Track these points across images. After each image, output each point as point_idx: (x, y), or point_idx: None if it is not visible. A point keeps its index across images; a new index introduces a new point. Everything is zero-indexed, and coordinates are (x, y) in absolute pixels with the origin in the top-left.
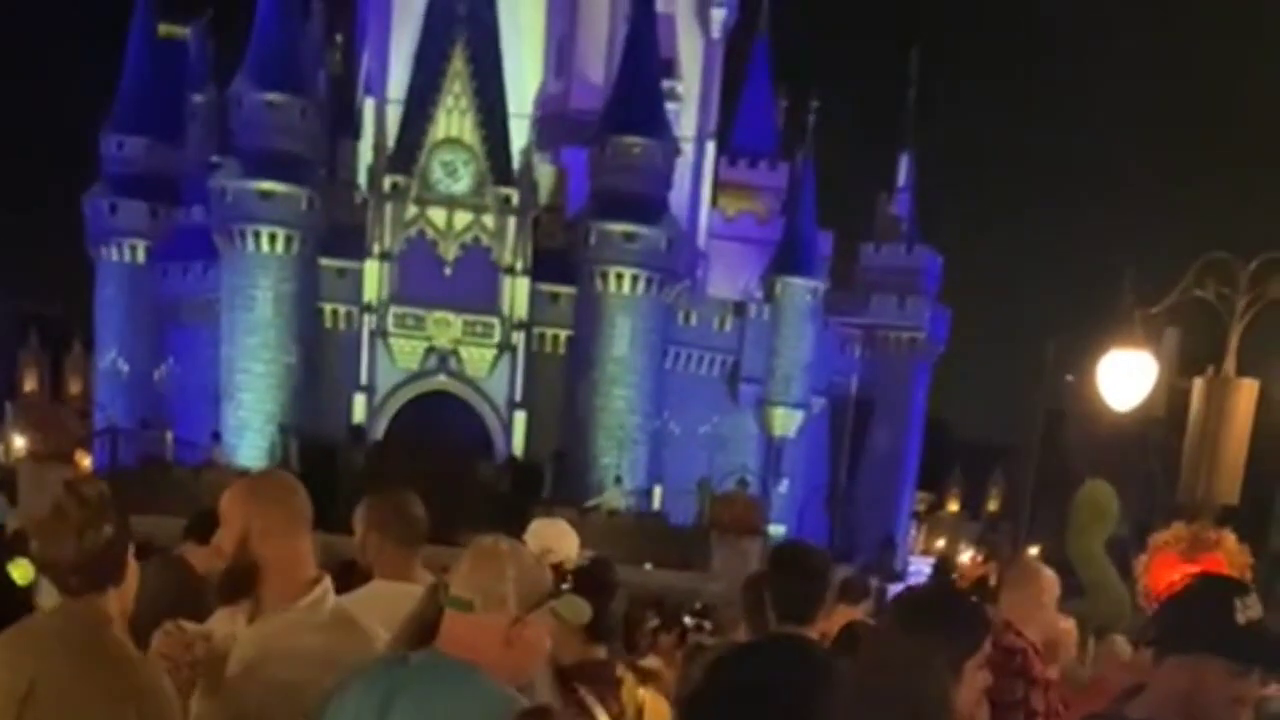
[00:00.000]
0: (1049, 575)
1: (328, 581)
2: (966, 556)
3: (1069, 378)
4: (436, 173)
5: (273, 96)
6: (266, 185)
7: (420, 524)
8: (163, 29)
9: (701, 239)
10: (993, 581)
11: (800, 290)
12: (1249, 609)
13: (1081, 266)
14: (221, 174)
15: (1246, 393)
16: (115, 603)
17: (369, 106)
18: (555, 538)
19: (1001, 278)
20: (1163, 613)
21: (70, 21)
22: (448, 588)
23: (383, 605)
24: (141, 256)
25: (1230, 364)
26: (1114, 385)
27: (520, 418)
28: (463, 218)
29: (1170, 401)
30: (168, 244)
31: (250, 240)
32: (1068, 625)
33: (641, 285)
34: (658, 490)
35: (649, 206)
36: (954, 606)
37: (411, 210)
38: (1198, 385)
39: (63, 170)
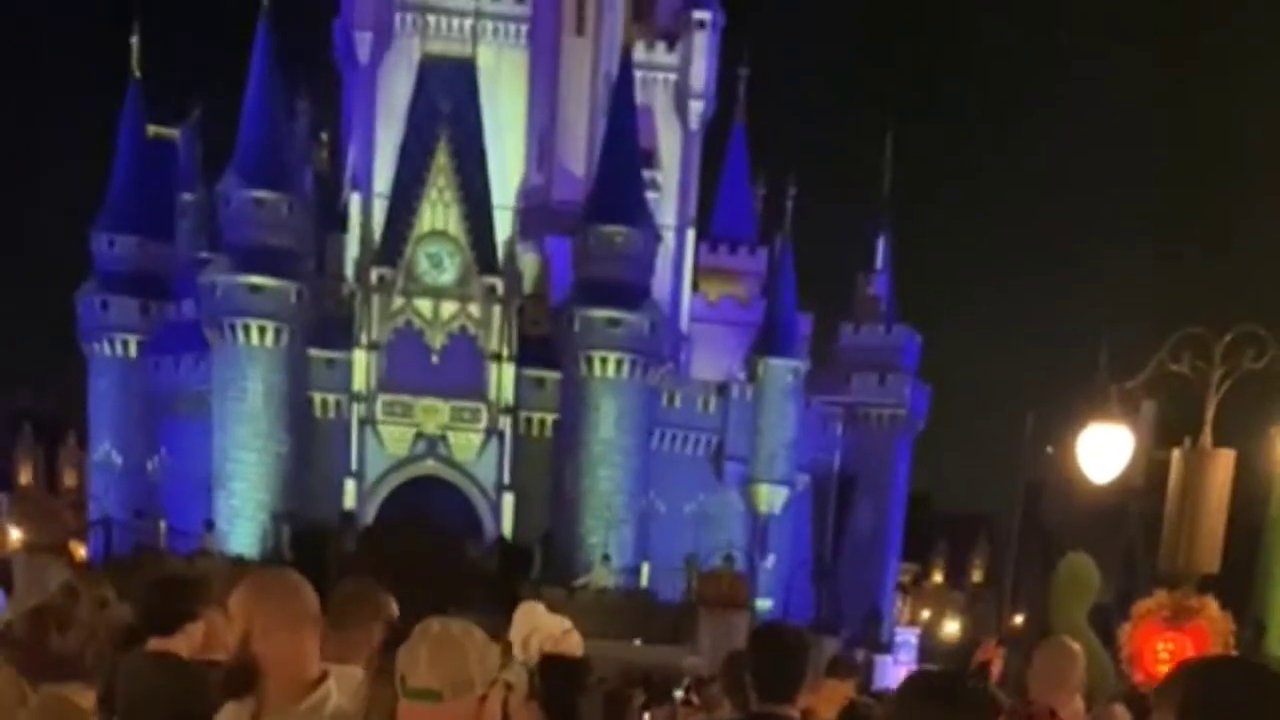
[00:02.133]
0: (1078, 652)
1: (331, 682)
2: (954, 626)
3: (1049, 449)
4: (423, 264)
5: (260, 194)
6: (255, 280)
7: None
8: (152, 130)
9: (684, 323)
10: (996, 668)
11: (782, 370)
12: None
13: (1059, 338)
14: (211, 269)
15: (1224, 463)
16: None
17: (355, 201)
18: (541, 621)
19: (980, 352)
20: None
21: (60, 122)
22: (404, 679)
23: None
24: (133, 351)
25: (1207, 436)
26: (1093, 459)
27: (508, 500)
28: (449, 307)
29: (1149, 472)
30: (159, 338)
31: (240, 333)
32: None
33: (626, 369)
34: (645, 568)
35: (632, 293)
36: (963, 692)
37: (398, 301)
38: (1176, 457)
39: (55, 268)
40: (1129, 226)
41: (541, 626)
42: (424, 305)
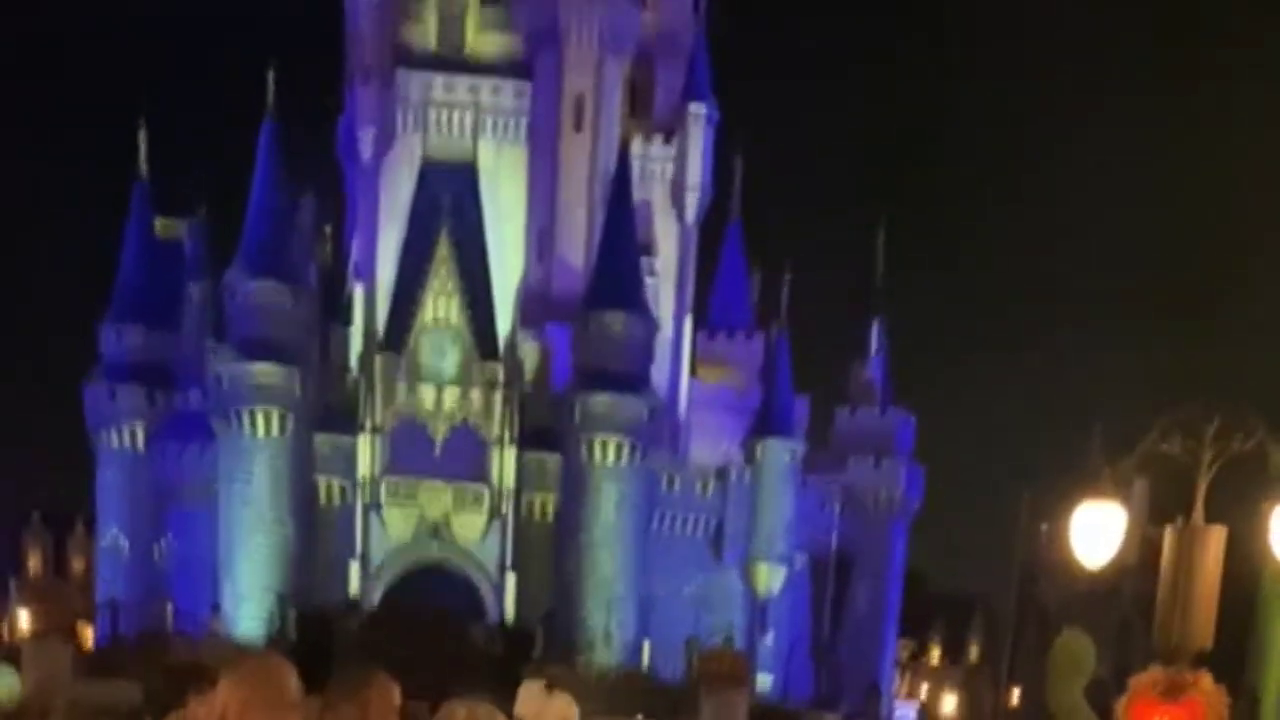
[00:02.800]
0: None
1: None
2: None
3: (1044, 527)
4: (425, 353)
5: (265, 286)
6: (261, 369)
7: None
8: (159, 224)
9: (682, 408)
10: None
11: (779, 452)
12: None
13: (1052, 418)
14: (217, 360)
15: (1216, 540)
16: None
17: (359, 293)
18: (544, 700)
19: (974, 433)
20: None
21: (68, 217)
22: None
23: None
24: (141, 440)
25: (1199, 513)
26: (1086, 539)
27: (511, 581)
28: (451, 395)
29: (1143, 549)
30: (166, 427)
31: (246, 421)
32: None
33: (626, 453)
34: (646, 647)
35: (631, 379)
36: None
37: (402, 389)
38: (1168, 535)
39: (63, 360)
40: (1119, 308)
41: (548, 710)
42: (427, 393)
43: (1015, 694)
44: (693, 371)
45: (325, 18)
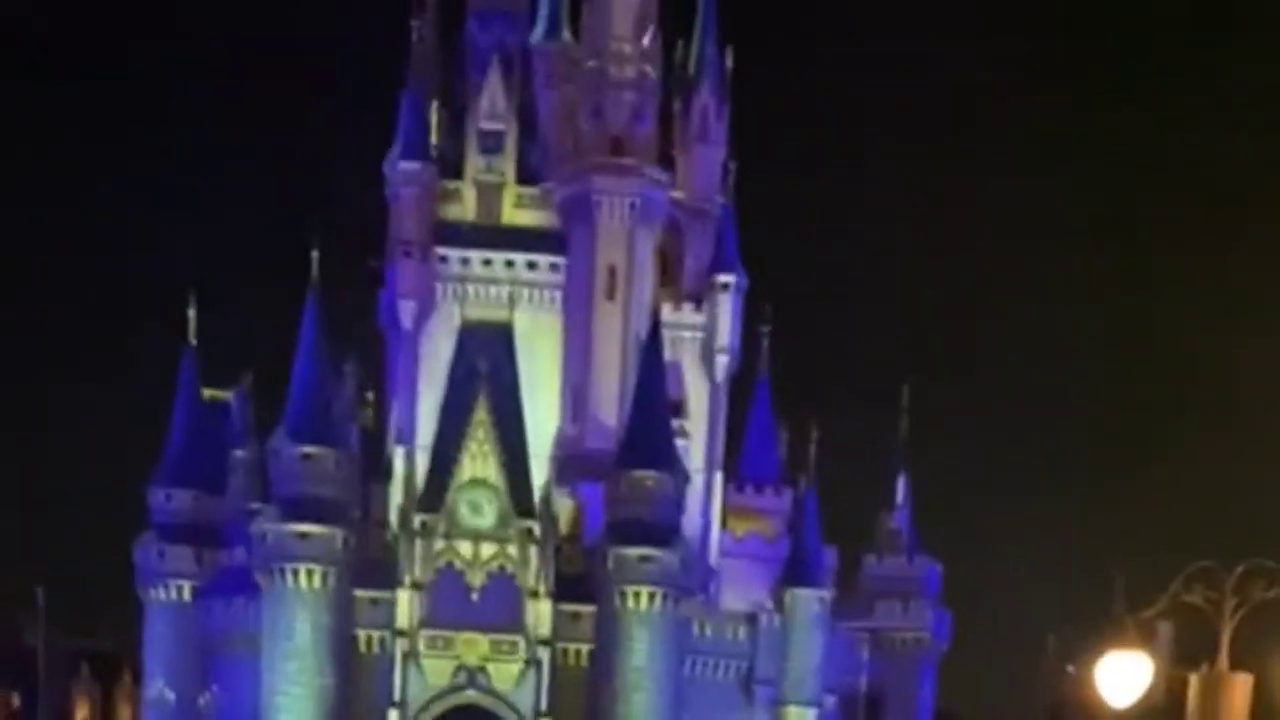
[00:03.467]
0: None
1: None
2: None
3: (1069, 669)
4: (463, 510)
5: (309, 449)
6: (304, 528)
7: None
8: (207, 393)
9: (713, 557)
10: None
11: (808, 600)
12: None
13: (1076, 562)
14: (262, 519)
15: (1241, 688)
16: None
17: (399, 453)
18: None
19: (1000, 578)
20: None
21: (120, 385)
22: None
23: None
24: (187, 595)
25: (1223, 661)
26: (1112, 685)
27: None
28: (488, 549)
29: (1169, 691)
30: (212, 583)
31: (289, 577)
32: None
33: (658, 602)
34: None
35: (662, 532)
36: None
37: (440, 544)
38: (1193, 681)
39: (113, 517)
40: (1140, 457)
41: None
42: (464, 547)
43: None
44: (723, 523)
45: (368, 193)
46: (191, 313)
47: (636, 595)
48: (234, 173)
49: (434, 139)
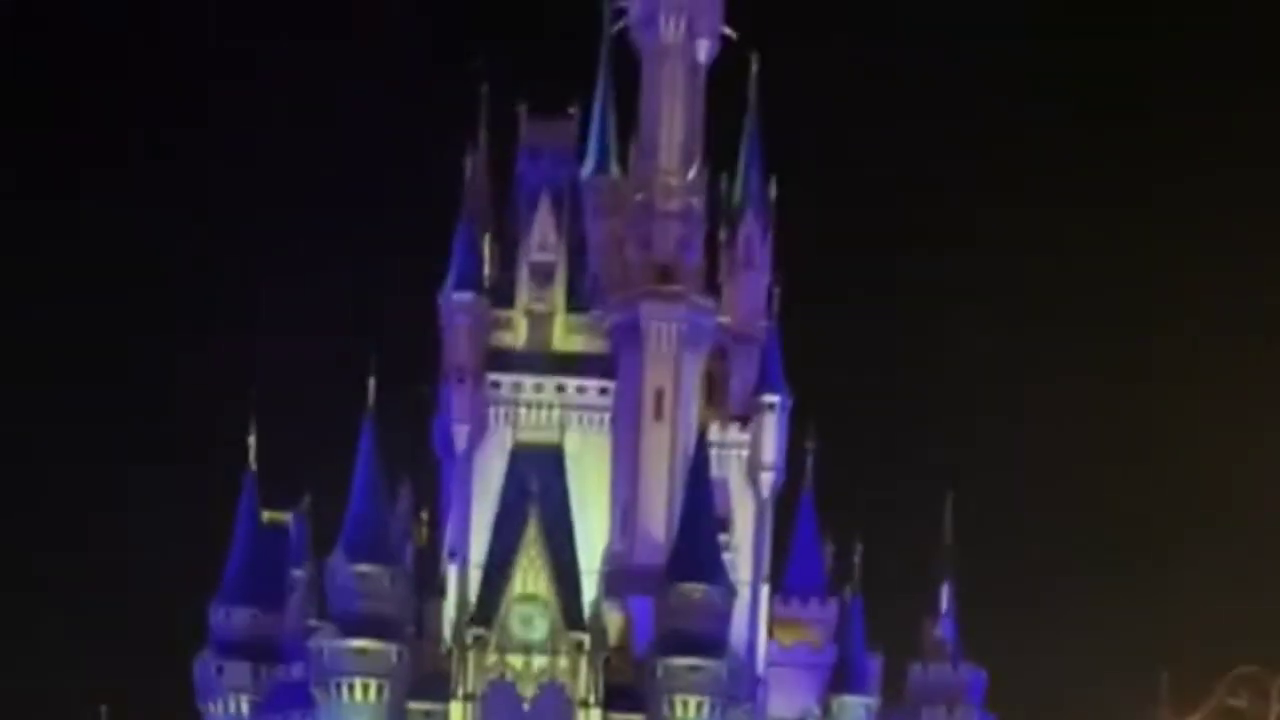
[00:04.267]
0: None
1: None
2: None
3: None
4: (515, 624)
5: (365, 567)
6: (359, 643)
7: None
8: (266, 515)
9: (760, 667)
10: None
11: (854, 706)
12: None
13: (1119, 666)
14: (319, 635)
15: None
16: None
17: (453, 571)
18: None
19: (1044, 682)
20: None
21: (183, 510)
22: None
23: None
24: (245, 709)
25: None
26: None
27: None
28: (539, 661)
29: None
30: (270, 698)
31: (345, 692)
32: None
33: (706, 711)
34: None
35: (710, 643)
36: None
37: (493, 657)
38: None
39: (174, 635)
40: (1184, 554)
41: None
42: (516, 660)
43: None
44: (770, 633)
45: (421, 321)
46: (252, 438)
47: (685, 704)
48: (293, 301)
49: (486, 270)
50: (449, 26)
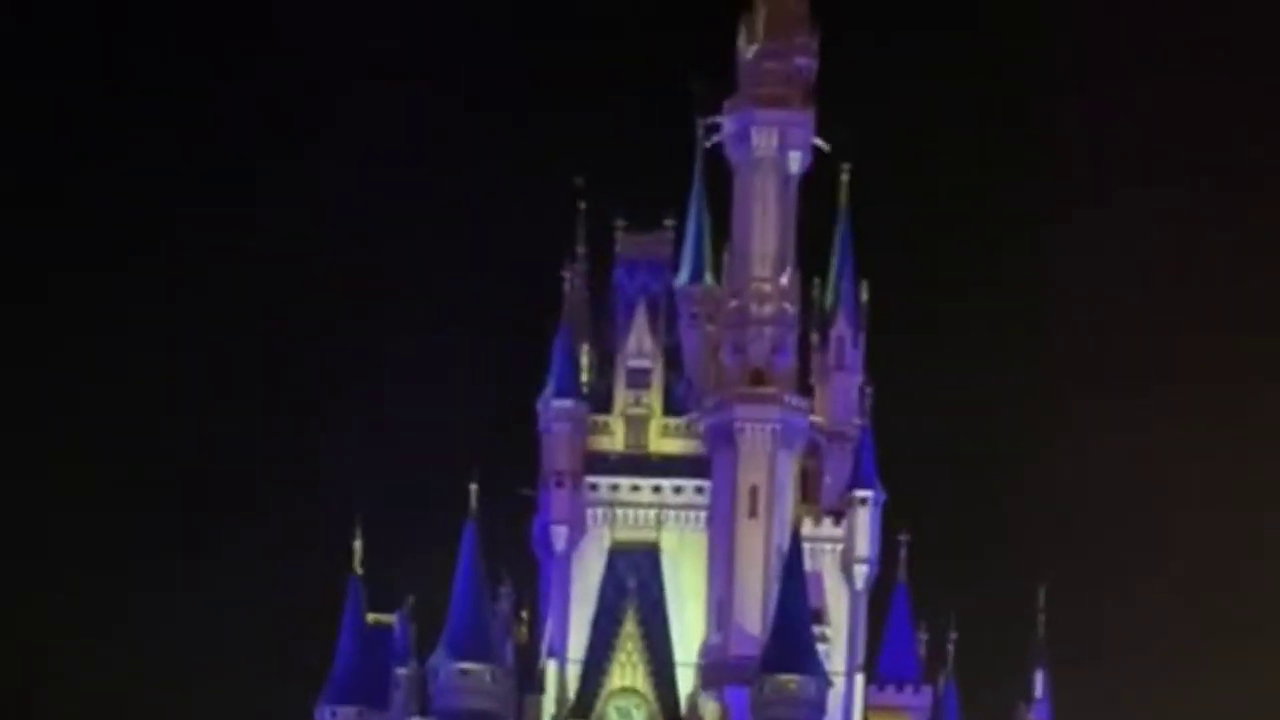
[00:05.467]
0: None
1: None
2: None
3: None
4: (613, 717)
5: (466, 665)
6: None
7: None
8: (371, 618)
9: None
10: None
11: None
12: None
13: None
14: None
15: None
16: None
17: (551, 667)
18: None
19: None
20: None
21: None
22: None
23: None
24: None
25: None
26: None
27: None
28: None
29: None
30: None
31: None
32: None
33: None
34: None
35: None
36: None
37: None
38: None
39: None
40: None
41: None
42: None
43: None
44: None
45: (522, 427)
46: (358, 543)
47: None
48: (397, 407)
49: (584, 376)
50: (545, 144)
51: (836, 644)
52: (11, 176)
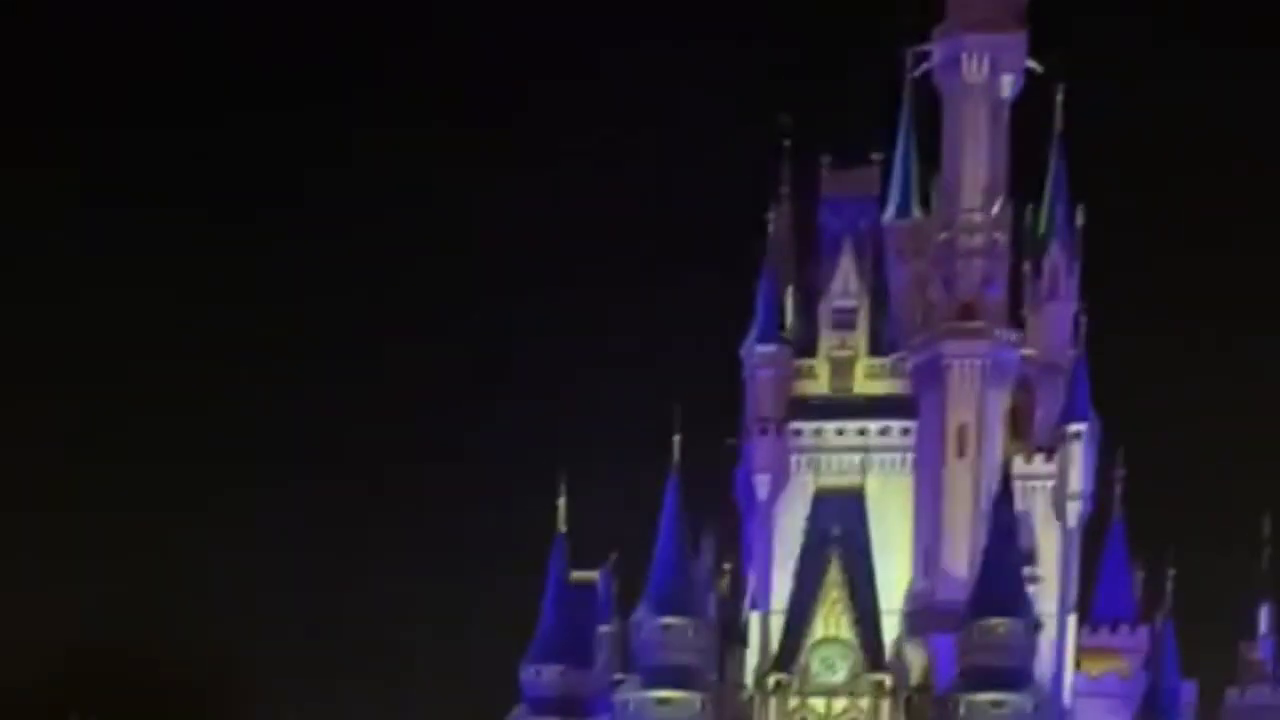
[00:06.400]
0: None
1: None
2: None
3: None
4: (816, 668)
5: (669, 620)
6: (664, 694)
7: None
8: (574, 576)
9: (1067, 698)
10: None
11: None
12: None
13: None
14: (625, 688)
15: None
16: None
17: (755, 618)
18: None
19: None
20: None
21: (491, 574)
22: None
23: None
24: None
25: None
26: None
27: None
28: (840, 703)
29: None
30: None
31: None
32: None
33: None
34: None
35: (1015, 677)
36: None
37: (794, 701)
38: None
39: (487, 693)
40: None
41: None
42: (818, 703)
43: None
44: (1077, 664)
45: (722, 375)
46: (561, 501)
47: None
48: (598, 362)
49: (788, 320)
50: (749, 83)
51: (1048, 585)
52: None
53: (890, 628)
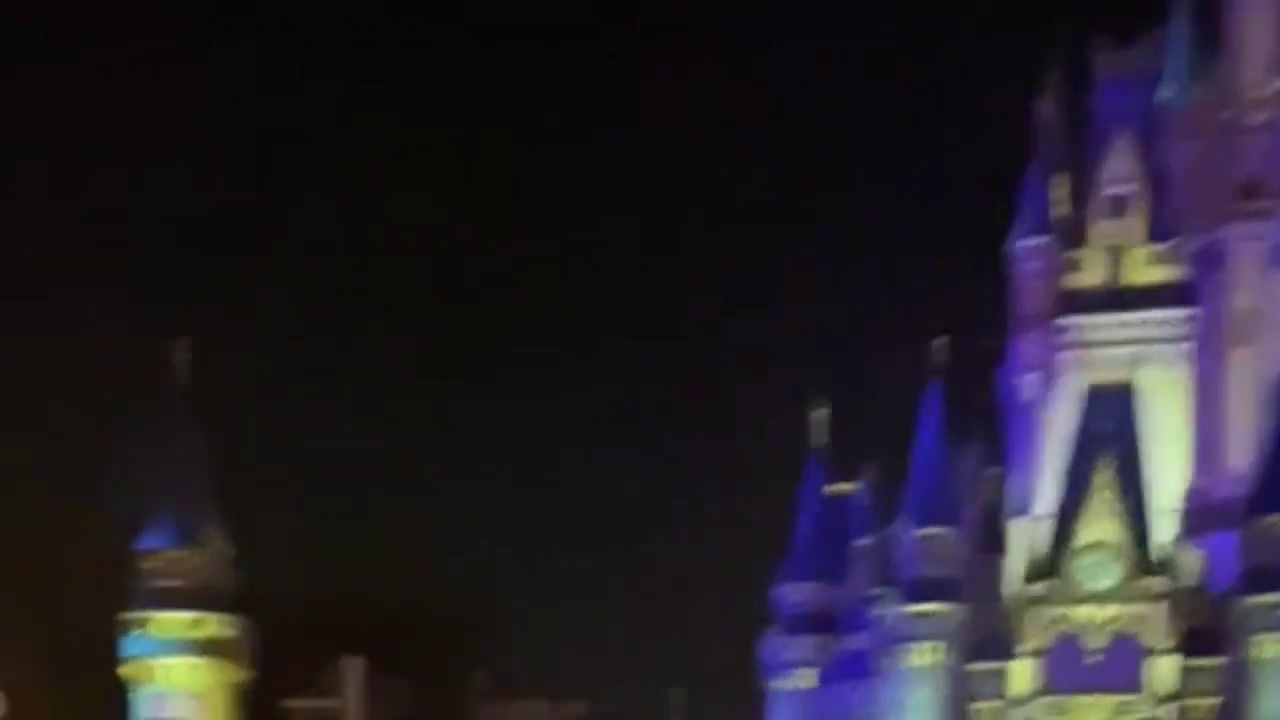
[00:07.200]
0: None
1: None
2: None
3: None
4: (1082, 574)
5: (929, 530)
6: (923, 608)
7: None
8: (829, 489)
9: None
10: None
11: None
12: None
13: None
14: (882, 603)
15: None
16: None
17: (1016, 524)
18: None
19: None
20: None
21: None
22: None
23: None
24: (810, 683)
25: None
26: None
27: None
28: (1108, 611)
29: None
30: (833, 669)
31: (908, 657)
32: None
33: None
34: None
35: None
36: None
37: (1057, 610)
38: None
39: (739, 612)
40: None
41: None
42: (1082, 611)
43: None
44: None
45: (982, 273)
46: (820, 415)
47: (1268, 644)
48: (853, 267)
49: (1056, 212)
50: None
51: None
52: None
53: (1161, 530)
